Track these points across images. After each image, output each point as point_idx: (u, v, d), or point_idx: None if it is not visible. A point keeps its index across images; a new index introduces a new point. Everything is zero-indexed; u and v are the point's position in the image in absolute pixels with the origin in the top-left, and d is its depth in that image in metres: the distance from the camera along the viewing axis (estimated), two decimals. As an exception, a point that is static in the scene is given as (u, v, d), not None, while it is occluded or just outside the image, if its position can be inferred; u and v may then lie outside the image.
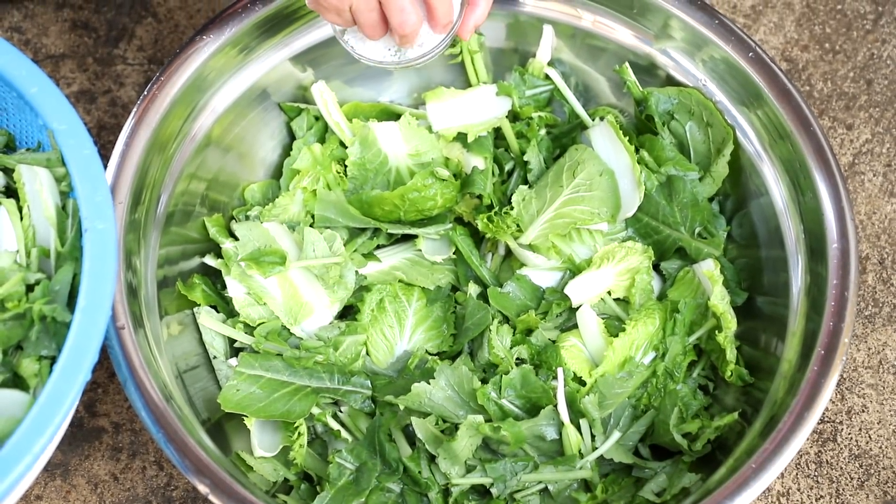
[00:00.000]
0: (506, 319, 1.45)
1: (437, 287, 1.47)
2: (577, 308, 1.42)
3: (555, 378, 1.38)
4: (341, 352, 1.41)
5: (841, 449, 1.51)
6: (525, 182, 1.50)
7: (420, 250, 1.47)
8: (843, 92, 1.69)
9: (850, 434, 1.51)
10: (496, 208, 1.47)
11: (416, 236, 1.47)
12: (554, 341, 1.42)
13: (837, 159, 1.38)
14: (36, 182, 1.26)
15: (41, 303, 1.19)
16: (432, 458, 1.37)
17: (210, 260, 1.46)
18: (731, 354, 1.39)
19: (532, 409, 1.37)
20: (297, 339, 1.42)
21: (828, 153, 1.38)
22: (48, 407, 1.11)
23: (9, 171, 1.31)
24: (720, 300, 1.40)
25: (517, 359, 1.41)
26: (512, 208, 1.44)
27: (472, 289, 1.46)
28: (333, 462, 1.36)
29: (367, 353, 1.43)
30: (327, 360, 1.39)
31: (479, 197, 1.48)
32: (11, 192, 1.30)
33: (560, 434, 1.36)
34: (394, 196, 1.43)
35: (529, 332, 1.43)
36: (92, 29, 1.71)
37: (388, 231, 1.46)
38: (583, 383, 1.38)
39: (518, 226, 1.44)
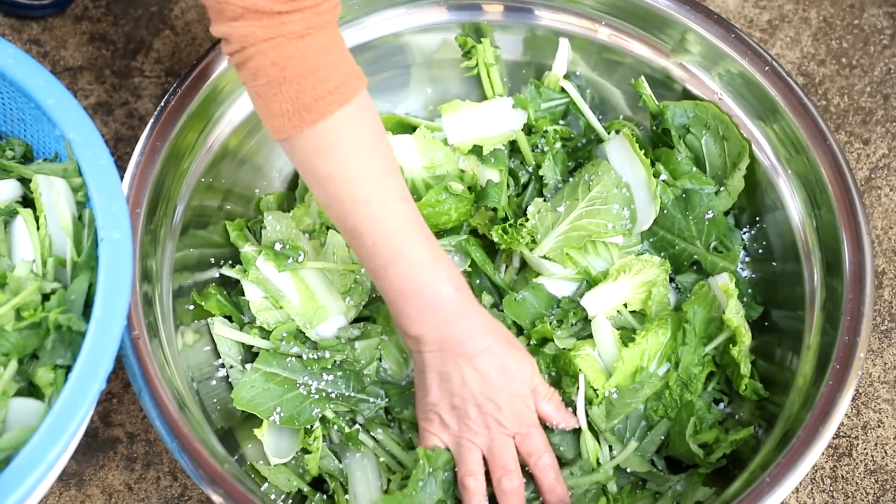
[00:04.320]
0: (520, 330, 1.45)
1: (452, 298, 1.47)
2: (592, 318, 1.42)
3: (571, 387, 1.37)
4: (357, 355, 1.40)
5: (856, 464, 1.50)
6: (540, 195, 1.50)
7: (435, 262, 1.47)
8: (860, 107, 1.69)
9: (865, 449, 1.51)
10: (511, 220, 1.47)
11: (430, 248, 1.47)
12: (569, 349, 1.41)
13: (854, 174, 1.38)
14: (53, 192, 1.26)
15: (57, 312, 1.19)
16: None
17: (227, 269, 1.46)
18: (745, 368, 1.39)
19: (548, 419, 1.37)
20: (313, 342, 1.42)
21: (844, 167, 1.38)
22: (63, 416, 1.11)
23: (26, 181, 1.32)
24: (735, 314, 1.39)
25: (532, 369, 1.41)
26: (527, 220, 1.44)
27: (487, 300, 1.46)
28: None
29: (381, 359, 1.43)
30: (344, 360, 1.39)
31: (494, 209, 1.48)
32: (28, 201, 1.31)
33: (577, 442, 1.36)
34: (408, 210, 1.43)
35: (544, 342, 1.43)
36: (110, 41, 1.72)
37: (404, 243, 1.46)
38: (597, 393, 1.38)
39: (533, 237, 1.44)
